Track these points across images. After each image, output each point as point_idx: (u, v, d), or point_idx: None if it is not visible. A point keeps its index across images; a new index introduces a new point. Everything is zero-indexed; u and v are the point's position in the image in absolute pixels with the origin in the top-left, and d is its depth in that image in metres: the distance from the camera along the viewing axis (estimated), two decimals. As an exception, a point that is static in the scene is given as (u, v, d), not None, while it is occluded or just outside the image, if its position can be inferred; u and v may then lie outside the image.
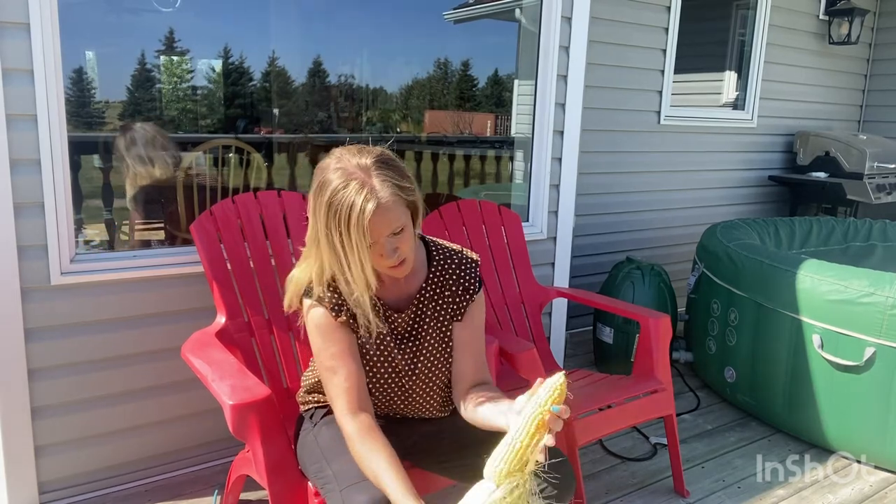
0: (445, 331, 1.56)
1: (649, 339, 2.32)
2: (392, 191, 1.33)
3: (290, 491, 1.57)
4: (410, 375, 1.55)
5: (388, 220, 1.33)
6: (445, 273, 1.55)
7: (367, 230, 1.31)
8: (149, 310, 2.21)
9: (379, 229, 1.33)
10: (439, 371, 1.57)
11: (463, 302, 1.55)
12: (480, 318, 1.59)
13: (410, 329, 1.54)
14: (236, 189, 3.32)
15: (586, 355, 3.62)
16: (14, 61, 1.87)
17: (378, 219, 1.31)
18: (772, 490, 2.43)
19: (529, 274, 2.70)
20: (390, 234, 1.35)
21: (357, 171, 1.32)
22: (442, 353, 1.56)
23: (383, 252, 1.36)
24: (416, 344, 1.54)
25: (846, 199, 4.39)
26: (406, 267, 1.43)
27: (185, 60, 4.70)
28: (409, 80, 6.10)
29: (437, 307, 1.55)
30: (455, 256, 1.57)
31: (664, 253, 4.24)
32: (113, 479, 2.25)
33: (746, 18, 4.65)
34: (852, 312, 2.54)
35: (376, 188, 1.31)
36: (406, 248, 1.39)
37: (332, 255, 1.35)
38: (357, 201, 1.30)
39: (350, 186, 1.30)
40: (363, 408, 1.44)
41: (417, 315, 1.54)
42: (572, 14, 2.94)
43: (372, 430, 1.40)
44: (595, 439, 2.56)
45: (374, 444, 1.37)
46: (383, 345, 1.52)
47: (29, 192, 1.95)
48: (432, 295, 1.54)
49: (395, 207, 1.34)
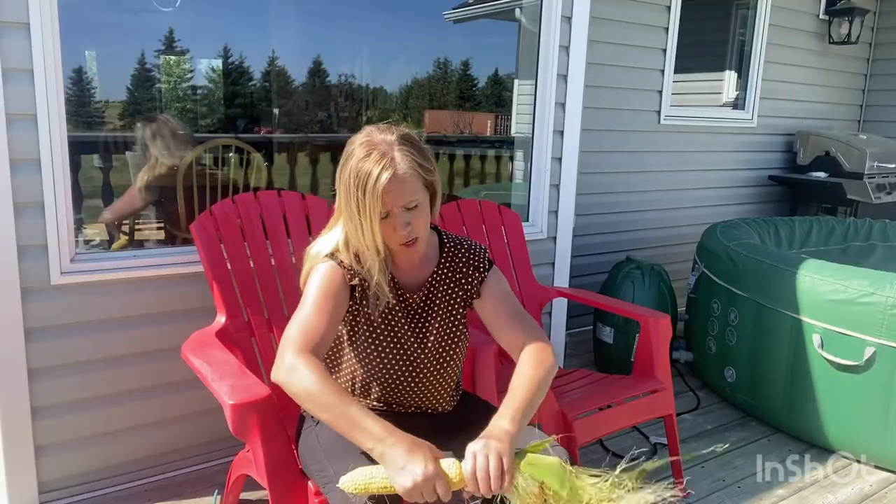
0: (457, 312, 1.60)
1: (649, 339, 2.32)
2: (410, 165, 1.40)
3: (290, 491, 1.57)
4: (418, 353, 1.57)
5: (402, 191, 1.39)
6: (456, 258, 1.61)
7: (380, 197, 1.37)
8: (149, 309, 2.21)
9: (393, 199, 1.39)
10: (446, 354, 1.60)
11: (474, 280, 1.59)
12: (500, 287, 1.60)
13: (421, 308, 1.58)
14: (236, 188, 3.32)
15: (586, 355, 3.62)
16: (14, 61, 1.87)
17: (392, 188, 1.37)
18: (772, 490, 2.43)
19: (529, 273, 2.70)
20: (404, 208, 1.40)
21: (381, 144, 1.40)
22: (450, 335, 1.59)
23: (396, 225, 1.41)
24: (425, 322, 1.58)
25: (846, 199, 4.39)
26: (418, 246, 1.48)
27: (185, 60, 4.69)
28: (409, 79, 6.11)
29: (447, 289, 1.59)
30: (465, 243, 1.64)
31: (664, 253, 4.23)
32: (113, 479, 2.25)
33: (746, 18, 4.65)
34: (852, 312, 2.54)
35: (395, 159, 1.38)
36: (419, 225, 1.44)
37: (350, 222, 1.42)
38: (375, 170, 1.37)
39: (371, 156, 1.38)
40: (316, 354, 1.39)
41: (428, 296, 1.59)
42: (572, 14, 2.94)
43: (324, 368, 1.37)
44: (595, 439, 2.56)
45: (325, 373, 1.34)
46: (391, 315, 1.55)
47: (29, 192, 1.95)
48: (443, 278, 1.60)
49: (411, 181, 1.40)
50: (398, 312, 1.56)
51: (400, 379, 1.58)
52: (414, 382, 1.59)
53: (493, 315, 1.58)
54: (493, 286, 1.60)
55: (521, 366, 1.46)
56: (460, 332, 1.62)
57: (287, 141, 4.81)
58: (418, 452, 1.23)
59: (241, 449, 1.85)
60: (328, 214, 2.25)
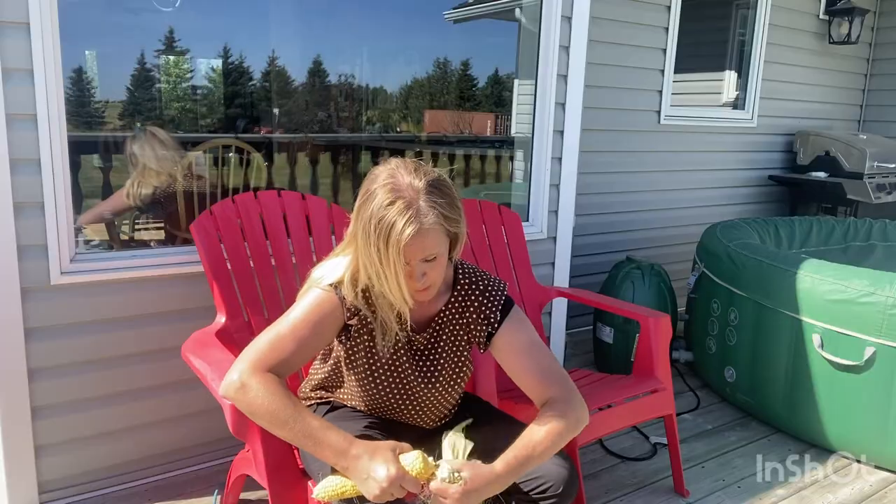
0: (461, 355, 1.56)
1: (649, 339, 2.32)
2: (436, 219, 1.31)
3: (290, 491, 1.57)
4: (423, 391, 1.55)
5: (423, 245, 1.32)
6: (468, 299, 1.53)
7: (402, 251, 1.30)
8: (149, 309, 2.21)
9: (413, 252, 1.32)
10: (451, 392, 1.58)
11: (480, 330, 1.52)
12: (521, 338, 1.51)
13: (426, 348, 1.55)
14: (236, 189, 3.32)
15: (586, 355, 3.62)
16: (14, 61, 1.87)
17: (415, 242, 1.30)
18: (772, 490, 2.43)
19: (529, 273, 2.70)
20: (423, 260, 1.35)
21: (407, 191, 1.30)
22: (456, 376, 1.57)
23: (412, 274, 1.36)
24: (432, 362, 1.55)
25: (846, 199, 4.39)
26: (430, 293, 1.43)
27: (185, 60, 4.69)
28: (409, 79, 6.11)
29: (453, 331, 1.55)
30: (480, 283, 1.54)
31: (664, 252, 4.23)
32: (113, 479, 2.25)
33: (746, 18, 4.65)
34: (852, 312, 2.54)
35: (421, 212, 1.29)
36: (435, 275, 1.38)
37: (371, 267, 1.34)
38: (399, 223, 1.28)
39: (396, 205, 1.29)
40: (274, 373, 1.38)
41: (434, 335, 1.54)
42: (572, 14, 2.94)
43: (278, 383, 1.35)
44: (595, 439, 2.56)
45: (284, 390, 1.34)
46: (395, 353, 1.52)
47: (29, 192, 1.95)
48: (451, 318, 1.54)
49: (434, 235, 1.32)
50: (402, 349, 1.52)
51: (400, 405, 1.57)
52: (414, 409, 1.59)
53: (508, 368, 1.51)
54: (506, 340, 1.50)
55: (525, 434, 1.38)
56: (465, 371, 1.58)
57: (287, 141, 4.81)
58: (379, 458, 1.25)
59: (241, 449, 1.85)
60: (328, 214, 2.26)
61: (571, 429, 1.41)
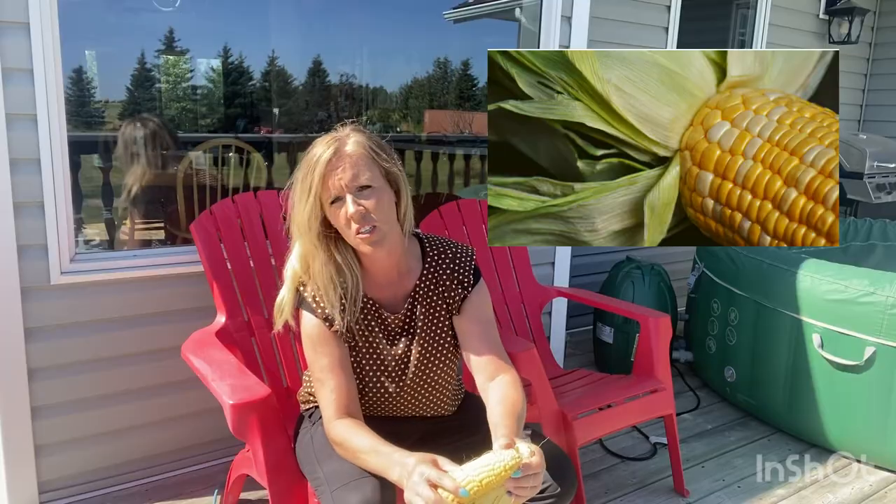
0: (441, 325, 1.53)
1: (649, 339, 2.32)
2: (360, 146, 1.35)
3: (290, 491, 1.57)
4: (401, 375, 1.53)
5: (348, 170, 1.33)
6: (439, 268, 1.52)
7: (324, 176, 1.32)
8: (149, 309, 2.21)
9: (339, 177, 1.32)
10: (436, 367, 1.54)
11: (456, 295, 1.51)
12: (483, 309, 1.53)
13: (404, 326, 1.53)
14: (236, 189, 3.32)
15: (586, 355, 3.61)
16: (14, 61, 1.87)
17: (337, 163, 1.33)
18: (772, 490, 2.43)
19: (529, 273, 2.70)
20: (356, 188, 1.33)
21: (335, 134, 1.39)
22: (438, 348, 1.53)
23: (349, 213, 1.33)
24: (409, 340, 1.52)
25: (846, 199, 4.38)
26: (377, 236, 1.36)
27: (185, 60, 4.69)
28: (409, 79, 6.10)
29: (430, 302, 1.52)
30: (449, 250, 1.54)
31: (664, 252, 4.23)
32: (113, 479, 2.25)
33: (746, 18, 4.65)
34: (852, 312, 2.54)
35: (344, 141, 1.36)
36: (374, 210, 1.34)
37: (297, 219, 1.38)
38: (319, 150, 1.35)
39: (321, 142, 1.37)
40: (351, 415, 1.43)
41: (410, 315, 1.52)
42: (572, 14, 2.94)
43: (356, 423, 1.40)
44: (595, 439, 2.56)
45: (358, 428, 1.38)
46: (372, 338, 1.51)
47: (29, 192, 1.95)
48: (426, 291, 1.52)
49: (359, 161, 1.34)
50: (379, 334, 1.50)
51: (388, 394, 1.55)
52: (403, 398, 1.56)
53: (466, 335, 1.50)
54: (474, 305, 1.51)
55: (506, 398, 1.39)
56: (448, 343, 1.54)
57: (287, 141, 4.80)
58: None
59: (241, 449, 1.85)
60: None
61: (524, 404, 1.42)
